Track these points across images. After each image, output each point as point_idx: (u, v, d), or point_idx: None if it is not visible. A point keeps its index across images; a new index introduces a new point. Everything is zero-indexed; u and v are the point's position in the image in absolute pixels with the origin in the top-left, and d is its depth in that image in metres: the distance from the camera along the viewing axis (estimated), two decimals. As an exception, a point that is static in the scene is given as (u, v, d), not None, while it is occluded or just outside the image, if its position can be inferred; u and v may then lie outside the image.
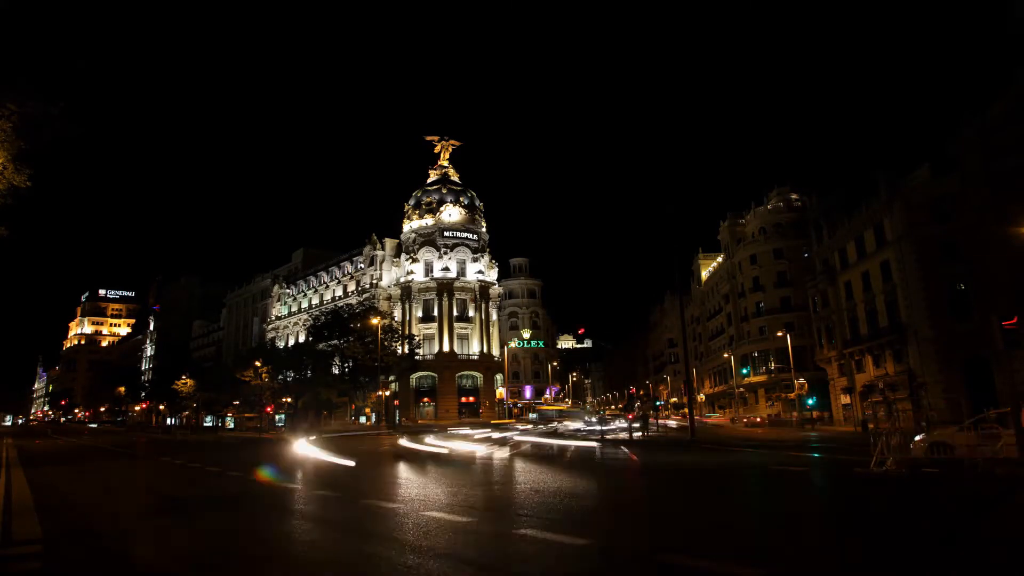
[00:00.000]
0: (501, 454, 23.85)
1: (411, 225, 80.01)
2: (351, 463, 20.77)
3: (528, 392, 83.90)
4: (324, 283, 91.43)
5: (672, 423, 62.20)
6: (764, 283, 71.77)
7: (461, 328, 76.25)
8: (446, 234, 78.21)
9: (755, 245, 73.10)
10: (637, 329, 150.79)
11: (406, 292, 76.33)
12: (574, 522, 9.37)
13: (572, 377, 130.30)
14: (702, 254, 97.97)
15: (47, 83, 13.38)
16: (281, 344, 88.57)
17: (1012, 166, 34.26)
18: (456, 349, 74.87)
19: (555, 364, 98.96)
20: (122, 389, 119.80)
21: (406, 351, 66.13)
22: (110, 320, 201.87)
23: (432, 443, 28.36)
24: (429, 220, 78.64)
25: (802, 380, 55.86)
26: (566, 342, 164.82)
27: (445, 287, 75.72)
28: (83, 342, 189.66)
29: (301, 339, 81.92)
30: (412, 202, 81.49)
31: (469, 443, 29.26)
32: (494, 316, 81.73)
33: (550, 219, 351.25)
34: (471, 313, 77.21)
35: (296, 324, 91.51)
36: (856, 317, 50.52)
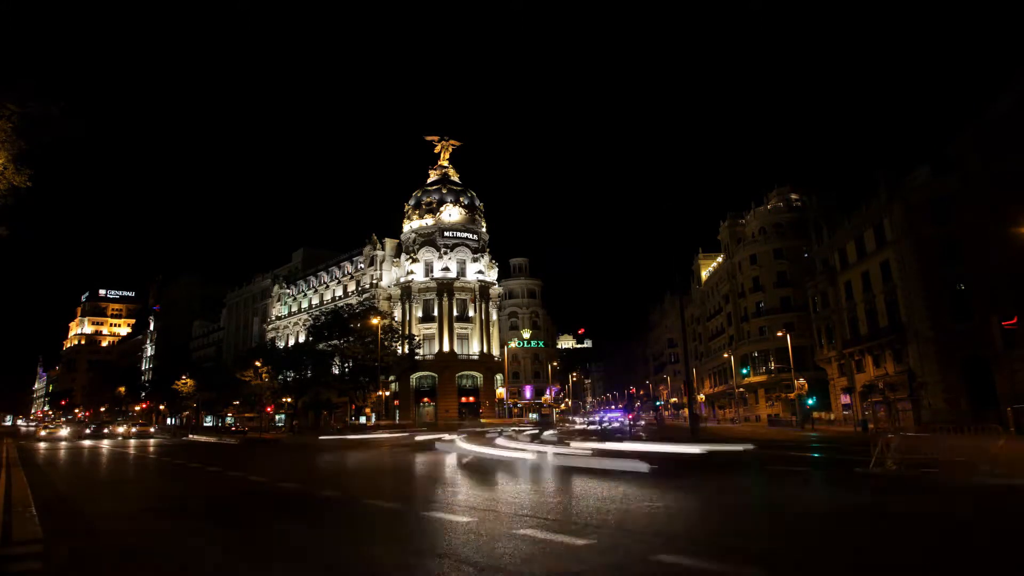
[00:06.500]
0: None
1: (411, 225, 80.00)
2: None
3: (528, 392, 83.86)
4: (324, 283, 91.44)
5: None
6: (764, 283, 71.78)
7: (461, 328, 76.23)
8: (446, 234, 78.20)
9: (755, 245, 73.11)
10: (637, 329, 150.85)
11: (406, 292, 76.33)
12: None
13: (572, 377, 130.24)
14: (702, 254, 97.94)
15: (47, 83, 13.39)
16: (281, 344, 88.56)
17: (1012, 166, 34.26)
18: (456, 349, 74.86)
19: (555, 364, 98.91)
20: (122, 389, 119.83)
21: (406, 351, 66.10)
22: (110, 320, 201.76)
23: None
24: (429, 220, 78.62)
25: (802, 380, 55.82)
26: (566, 342, 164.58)
27: (445, 287, 75.72)
28: (83, 342, 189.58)
29: (301, 339, 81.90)
30: (412, 202, 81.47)
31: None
32: (494, 316, 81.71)
33: (550, 219, 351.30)
34: (471, 313, 77.20)
35: (296, 324, 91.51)
36: (856, 317, 50.53)
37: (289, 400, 72.90)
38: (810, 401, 57.47)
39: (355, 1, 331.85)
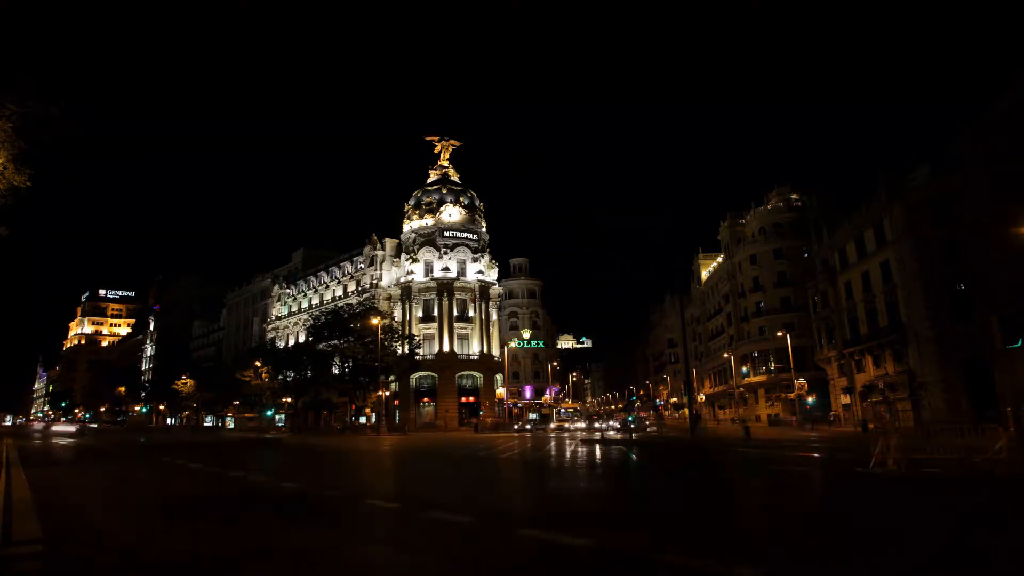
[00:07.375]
0: None
1: (411, 225, 79.98)
2: None
3: (528, 392, 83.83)
4: (324, 283, 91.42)
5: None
6: (764, 283, 71.79)
7: (461, 328, 76.20)
8: (446, 234, 78.17)
9: (755, 245, 73.12)
10: (637, 329, 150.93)
11: (406, 292, 76.30)
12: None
13: (572, 377, 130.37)
14: (702, 254, 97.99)
15: (47, 83, 13.39)
16: (281, 344, 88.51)
17: (1012, 166, 34.26)
18: (456, 349, 74.82)
19: (555, 364, 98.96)
20: (122, 389, 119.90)
21: (406, 351, 66.07)
22: (110, 320, 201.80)
23: None
24: (429, 220, 78.61)
25: (802, 380, 55.84)
26: (566, 342, 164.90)
27: (445, 287, 75.69)
28: (83, 342, 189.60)
29: (301, 339, 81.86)
30: (412, 202, 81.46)
31: None
32: (494, 316, 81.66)
33: (550, 219, 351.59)
34: (471, 313, 77.16)
35: (296, 324, 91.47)
36: (856, 317, 50.52)
37: (289, 400, 72.90)
38: (810, 401, 57.46)
39: (357, 1, 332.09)
